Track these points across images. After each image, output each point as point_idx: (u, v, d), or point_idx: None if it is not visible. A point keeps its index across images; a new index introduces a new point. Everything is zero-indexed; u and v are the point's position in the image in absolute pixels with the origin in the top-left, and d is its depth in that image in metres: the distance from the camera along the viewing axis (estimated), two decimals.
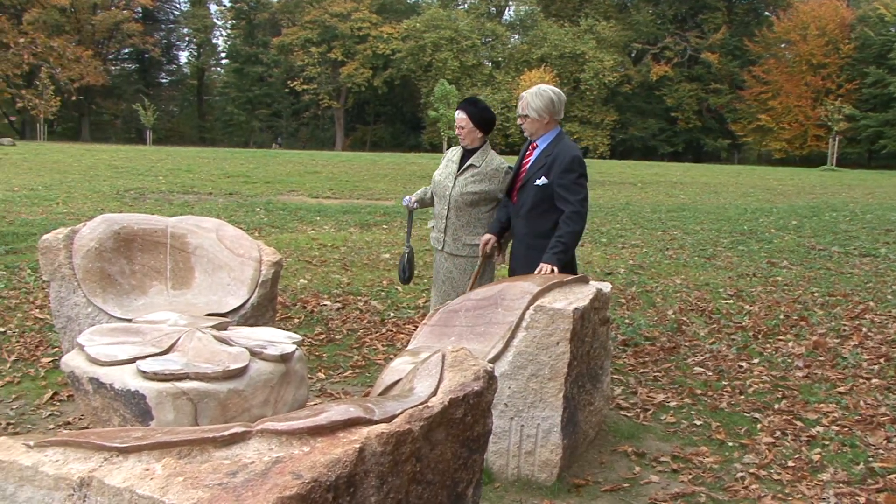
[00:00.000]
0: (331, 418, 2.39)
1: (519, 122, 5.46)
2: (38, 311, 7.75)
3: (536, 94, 5.31)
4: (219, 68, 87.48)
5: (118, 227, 5.83)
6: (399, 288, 9.40)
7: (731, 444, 5.17)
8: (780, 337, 7.72)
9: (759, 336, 7.72)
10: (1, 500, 2.28)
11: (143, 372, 3.88)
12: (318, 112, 78.82)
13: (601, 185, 28.80)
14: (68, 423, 5.24)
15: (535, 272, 5.18)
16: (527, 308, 4.48)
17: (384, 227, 14.88)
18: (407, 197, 6.29)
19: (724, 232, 15.56)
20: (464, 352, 3.05)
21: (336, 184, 24.84)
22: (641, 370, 6.70)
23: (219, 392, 3.90)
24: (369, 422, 2.45)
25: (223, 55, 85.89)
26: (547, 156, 5.30)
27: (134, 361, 4.02)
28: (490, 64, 76.00)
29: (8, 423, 5.15)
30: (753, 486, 4.54)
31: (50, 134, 58.22)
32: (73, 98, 13.53)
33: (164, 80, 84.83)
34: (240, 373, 4.01)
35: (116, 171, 25.92)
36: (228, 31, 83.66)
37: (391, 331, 7.65)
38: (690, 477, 4.67)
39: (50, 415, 5.41)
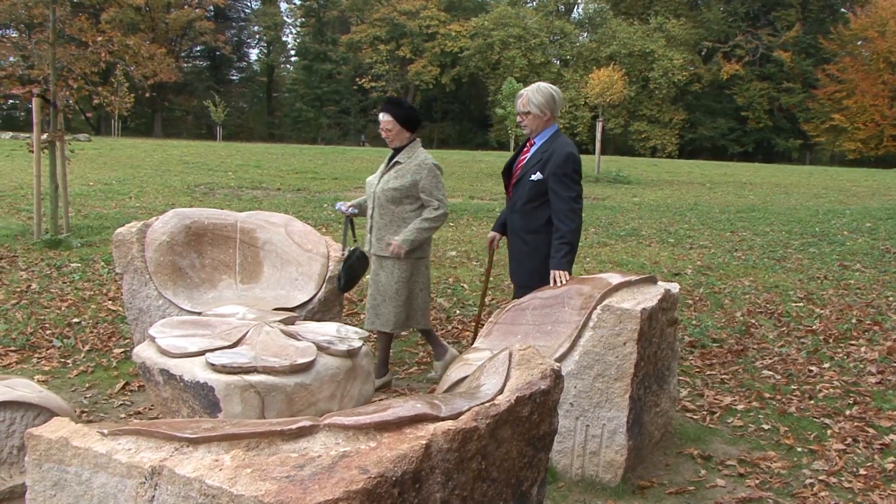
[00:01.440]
0: (398, 414, 2.39)
1: (519, 119, 5.40)
2: (110, 302, 7.92)
3: (537, 90, 5.30)
4: (288, 65, 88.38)
5: (189, 222, 5.92)
6: (465, 285, 9.40)
7: (799, 449, 5.07)
8: (852, 341, 7.54)
9: (830, 340, 7.56)
10: (76, 484, 2.33)
11: (212, 364, 3.93)
12: None
13: (669, 184, 28.48)
14: (139, 412, 5.34)
15: (551, 282, 5.15)
16: (594, 307, 4.44)
17: (451, 224, 14.89)
18: (340, 203, 6.18)
19: (795, 234, 15.27)
20: (531, 350, 3.03)
21: None
22: (708, 372, 6.61)
23: (286, 386, 3.94)
24: (436, 418, 2.45)
25: (292, 53, 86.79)
26: (543, 152, 5.28)
27: (203, 354, 4.07)
28: (558, 62, 75.57)
29: (82, 411, 5.27)
30: (823, 494, 4.44)
31: (124, 130, 59.41)
32: (147, 95, 13.74)
33: (234, 77, 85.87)
34: (307, 367, 4.04)
35: (187, 167, 26.37)
36: (298, 29, 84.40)
37: (457, 328, 7.65)
38: (757, 482, 4.59)
39: (121, 404, 5.52)
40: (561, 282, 5.09)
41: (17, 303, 7.85)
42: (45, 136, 10.38)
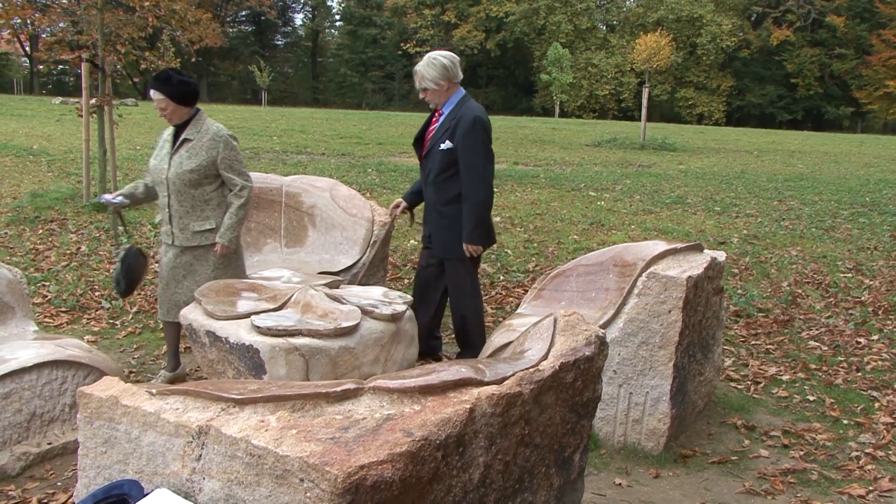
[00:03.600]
0: (442, 378, 2.40)
1: (421, 95, 5.22)
2: (157, 265, 8.01)
3: (428, 64, 5.08)
4: (333, 30, 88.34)
5: None
6: (509, 251, 9.38)
7: (845, 421, 5.02)
8: None
9: (879, 312, 7.45)
10: (126, 442, 2.37)
11: (258, 327, 3.97)
12: None
13: (715, 152, 28.13)
14: (185, 373, 5.41)
15: (464, 253, 5.11)
16: (639, 275, 4.41)
17: (495, 189, 14.83)
18: (104, 195, 5.26)
19: (845, 203, 15.03)
20: (576, 316, 3.02)
21: None
22: (753, 342, 6.55)
23: (330, 349, 3.96)
24: (480, 383, 2.45)
25: (337, 17, 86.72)
26: (451, 119, 5.12)
27: (249, 316, 4.11)
28: (604, 27, 74.77)
29: (130, 372, 5.35)
30: (869, 467, 4.39)
31: None
32: (193, 59, 13.78)
33: (279, 42, 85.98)
34: (351, 330, 4.07)
35: (233, 131, 26.40)
36: None
37: (500, 294, 7.64)
38: (802, 453, 4.55)
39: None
40: (473, 255, 5.07)
41: (68, 265, 7.97)
42: (93, 101, 10.48)
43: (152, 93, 4.93)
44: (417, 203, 5.68)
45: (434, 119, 5.29)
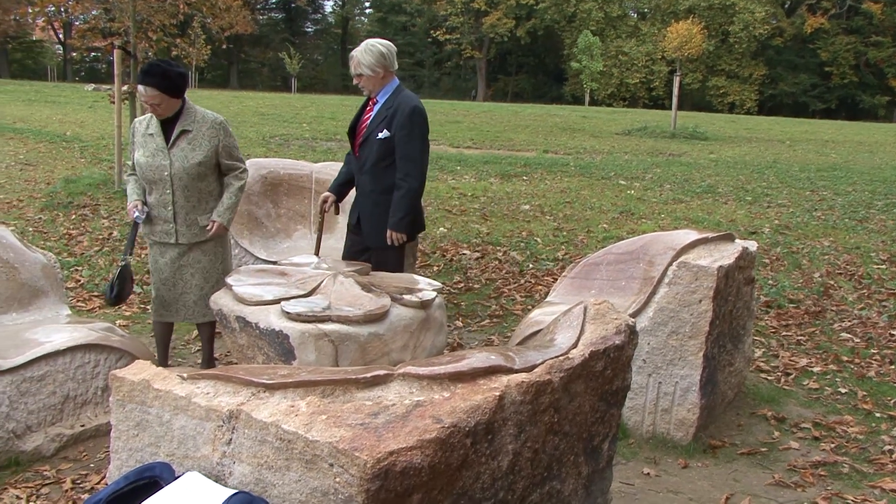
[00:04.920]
0: (472, 365, 2.40)
1: (355, 81, 5.11)
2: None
3: (365, 50, 4.99)
4: (363, 17, 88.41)
5: (265, 172, 5.97)
6: (538, 239, 9.36)
7: (878, 415, 4.97)
8: None
9: None
10: (157, 425, 2.39)
11: (287, 313, 3.98)
12: (460, 62, 78.72)
13: (747, 141, 27.90)
14: (215, 358, 5.45)
15: (387, 241, 5.06)
16: (670, 264, 4.39)
17: (524, 178, 14.82)
18: (135, 211, 4.83)
19: (879, 194, 14.86)
20: (606, 304, 3.01)
21: (477, 134, 24.84)
22: (784, 333, 6.50)
23: (359, 335, 3.97)
24: (510, 370, 2.45)
25: (367, 5, 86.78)
26: (388, 108, 5.05)
27: (278, 302, 4.13)
28: (636, 15, 74.26)
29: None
30: None
31: (200, 81, 60.18)
32: (223, 46, 13.83)
33: (309, 29, 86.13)
34: (381, 317, 4.07)
35: (262, 118, 26.62)
36: None
37: (529, 282, 7.64)
38: (833, 446, 4.51)
39: (198, 350, 5.64)
40: (396, 243, 5.04)
41: (100, 249, 8.05)
42: (125, 88, 10.56)
43: (142, 89, 4.55)
44: (345, 195, 5.58)
45: (368, 108, 5.23)
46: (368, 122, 5.13)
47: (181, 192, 4.76)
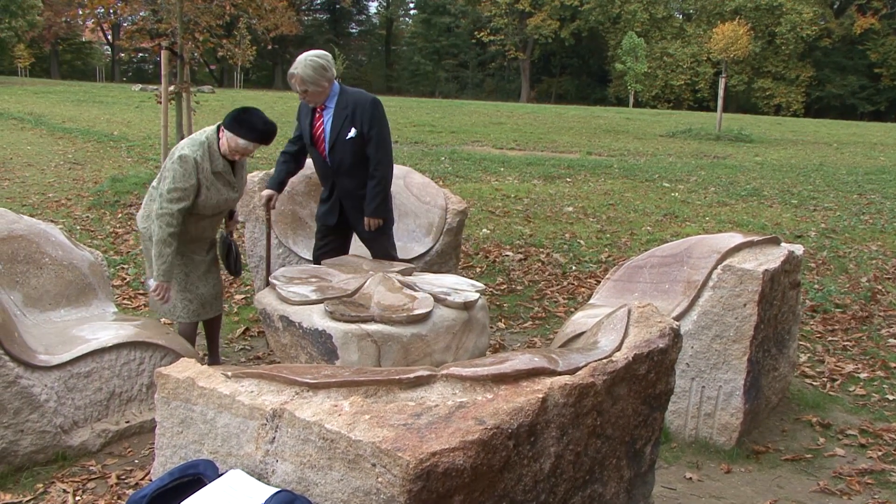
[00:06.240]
0: (515, 367, 2.39)
1: (301, 98, 5.11)
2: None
3: (306, 67, 4.96)
4: (407, 19, 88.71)
5: (309, 172, 5.99)
6: (581, 241, 9.32)
7: None
8: None
9: None
10: (202, 423, 2.41)
11: (331, 312, 4.00)
12: (504, 63, 78.66)
13: (793, 144, 27.56)
14: (258, 357, 5.49)
15: (365, 227, 5.17)
16: (714, 267, 4.34)
17: (568, 180, 14.76)
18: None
19: None
20: (650, 307, 2.99)
21: (520, 135, 24.79)
22: (830, 338, 6.41)
23: (402, 336, 3.98)
24: (553, 373, 2.44)
25: (411, 6, 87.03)
26: (343, 108, 5.08)
27: (322, 302, 4.15)
28: (681, 16, 73.64)
29: (204, 355, 5.43)
30: None
31: (246, 82, 60.74)
32: (269, 47, 13.94)
33: (353, 31, 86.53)
34: (423, 318, 4.08)
35: None
36: None
37: (572, 284, 7.60)
38: (880, 454, 4.43)
39: (241, 349, 5.68)
40: (374, 228, 5.17)
41: None
42: (172, 88, 10.66)
43: (244, 142, 4.64)
44: (283, 188, 5.55)
45: (318, 116, 5.21)
46: (326, 127, 5.16)
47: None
